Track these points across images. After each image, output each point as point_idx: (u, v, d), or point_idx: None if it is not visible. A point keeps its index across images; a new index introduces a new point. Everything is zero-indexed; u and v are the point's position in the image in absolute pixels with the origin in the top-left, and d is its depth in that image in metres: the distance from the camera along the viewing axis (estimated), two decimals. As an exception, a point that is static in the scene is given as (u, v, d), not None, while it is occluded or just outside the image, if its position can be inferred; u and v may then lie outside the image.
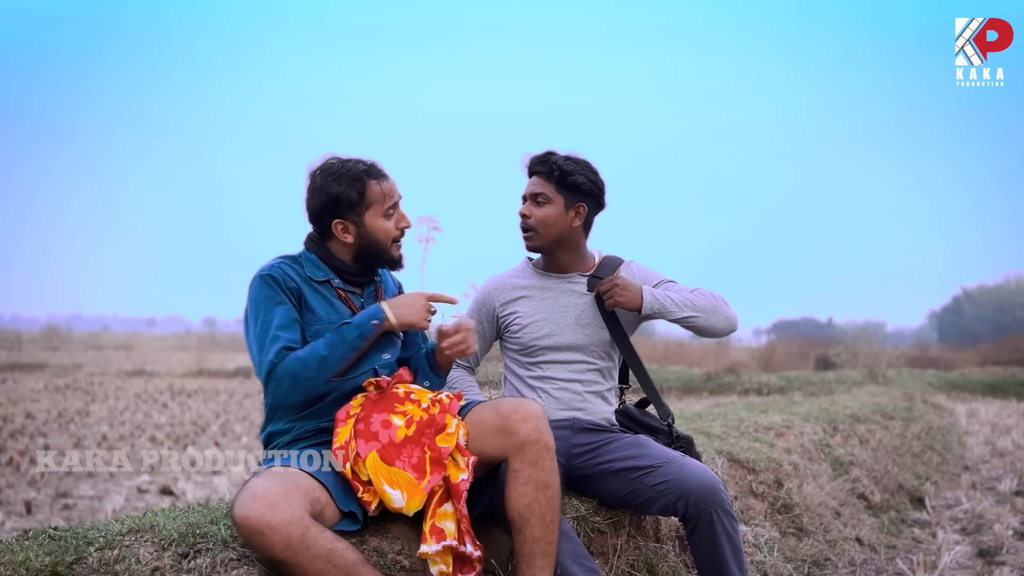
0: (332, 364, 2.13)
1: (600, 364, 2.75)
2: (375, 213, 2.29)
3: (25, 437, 9.77)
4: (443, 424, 2.12)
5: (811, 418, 5.75)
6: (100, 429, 10.53)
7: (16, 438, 9.68)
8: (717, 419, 5.19)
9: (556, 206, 2.67)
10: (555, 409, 2.68)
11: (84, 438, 9.78)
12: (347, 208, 2.27)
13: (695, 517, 2.46)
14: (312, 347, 2.13)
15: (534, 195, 2.69)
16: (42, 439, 9.63)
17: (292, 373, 2.09)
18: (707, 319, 2.65)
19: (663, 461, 2.54)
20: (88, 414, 12.38)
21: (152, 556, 1.74)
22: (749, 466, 3.96)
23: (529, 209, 2.69)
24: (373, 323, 2.19)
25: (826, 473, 4.81)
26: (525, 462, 2.11)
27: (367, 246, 2.30)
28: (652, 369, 17.09)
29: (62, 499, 6.46)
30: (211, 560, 1.78)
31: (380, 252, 2.32)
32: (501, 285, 2.81)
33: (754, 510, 3.75)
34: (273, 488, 1.79)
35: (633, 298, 2.60)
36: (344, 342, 2.15)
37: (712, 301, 2.68)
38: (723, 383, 16.04)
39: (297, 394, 2.13)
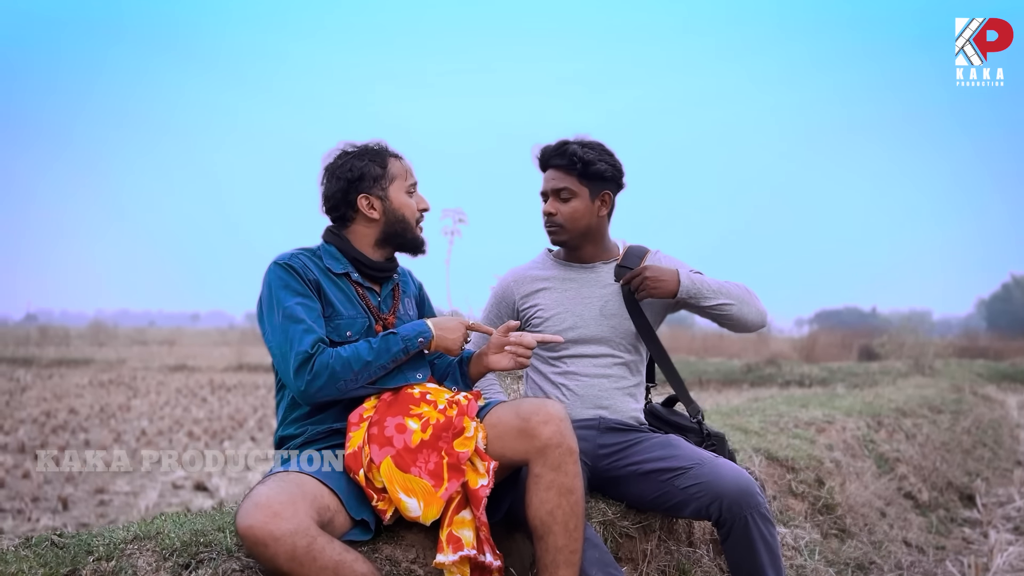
0: (372, 371, 2.08)
1: (627, 358, 2.62)
2: (399, 188, 2.26)
3: (67, 432, 9.91)
4: (461, 427, 2.01)
5: (854, 412, 5.55)
6: (140, 424, 10.65)
7: (58, 433, 9.82)
8: (755, 414, 5.03)
9: (582, 199, 2.56)
10: (580, 407, 2.56)
11: (124, 433, 9.89)
12: (372, 182, 2.24)
13: (729, 521, 2.32)
14: (355, 349, 2.07)
15: (557, 191, 2.57)
16: (83, 434, 9.75)
17: (331, 370, 2.02)
18: (740, 309, 2.53)
19: (695, 462, 2.41)
20: (129, 409, 12.54)
21: (150, 567, 1.66)
22: (788, 464, 3.80)
23: (554, 205, 2.57)
24: (420, 340, 2.14)
25: (870, 471, 4.62)
26: (547, 466, 1.99)
27: (393, 223, 2.25)
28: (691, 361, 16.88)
29: (99, 495, 6.50)
30: (213, 571, 1.69)
31: (406, 230, 2.27)
32: (521, 277, 2.69)
33: (794, 511, 3.60)
34: (277, 496, 1.70)
35: (668, 286, 2.48)
36: (388, 352, 2.09)
37: (745, 291, 2.57)
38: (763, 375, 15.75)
39: (330, 391, 2.04)
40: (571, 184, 2.55)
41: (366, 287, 2.27)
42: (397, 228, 2.25)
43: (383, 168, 2.25)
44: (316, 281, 2.16)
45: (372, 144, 2.29)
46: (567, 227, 2.57)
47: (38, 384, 16.97)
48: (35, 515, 5.59)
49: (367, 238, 2.27)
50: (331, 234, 2.29)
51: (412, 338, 2.13)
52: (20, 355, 25.18)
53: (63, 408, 12.40)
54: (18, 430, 9.88)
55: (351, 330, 2.17)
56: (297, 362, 2.02)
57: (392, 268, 2.33)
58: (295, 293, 2.12)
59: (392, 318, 2.29)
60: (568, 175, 2.55)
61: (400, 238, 2.27)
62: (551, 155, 2.58)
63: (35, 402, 13.30)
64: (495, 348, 2.27)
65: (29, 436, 9.45)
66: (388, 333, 2.12)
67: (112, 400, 13.81)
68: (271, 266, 2.18)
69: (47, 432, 9.86)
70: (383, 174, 2.24)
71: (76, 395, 14.81)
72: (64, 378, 18.90)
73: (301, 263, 2.17)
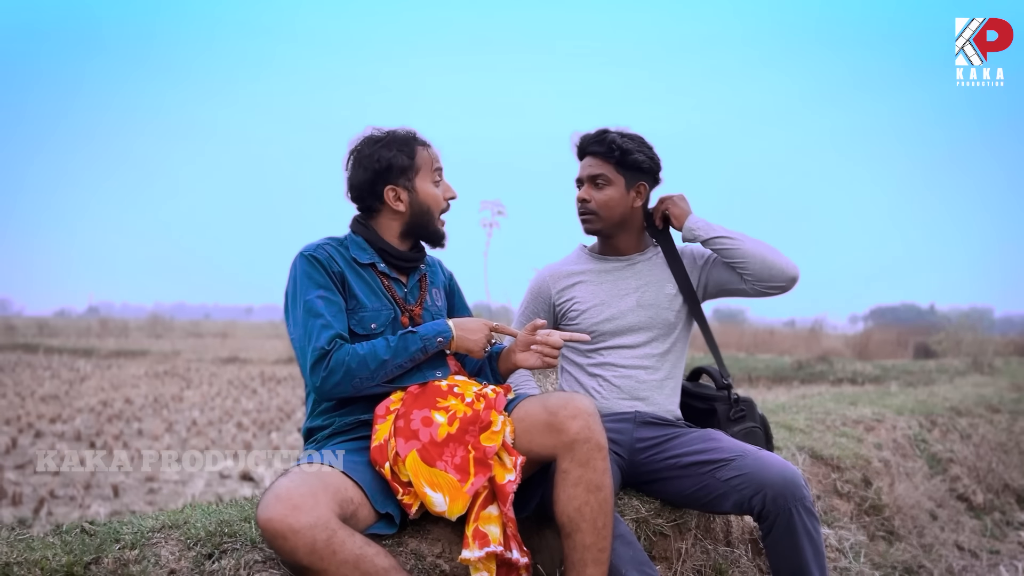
0: (389, 370, 2.06)
1: (664, 349, 2.57)
2: (425, 178, 2.24)
3: (121, 422, 10.15)
4: (488, 421, 1.98)
5: (905, 411, 5.38)
6: (191, 415, 10.85)
7: (113, 422, 10.06)
8: (802, 411, 4.90)
9: (617, 187, 2.53)
10: (616, 399, 2.52)
11: (176, 423, 10.09)
12: (399, 173, 2.22)
13: (773, 514, 2.25)
14: (372, 346, 2.06)
15: (592, 177, 2.54)
16: (137, 423, 9.98)
17: (347, 367, 2.02)
18: (764, 258, 2.45)
19: (737, 454, 2.35)
20: (182, 400, 12.80)
21: (173, 556, 1.67)
22: (834, 463, 3.70)
23: (588, 192, 2.55)
24: (439, 340, 2.12)
25: (921, 471, 4.47)
26: (575, 462, 1.95)
27: (418, 215, 2.24)
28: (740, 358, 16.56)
29: (149, 483, 6.63)
30: (235, 562, 1.69)
31: (428, 222, 2.25)
32: (556, 272, 2.67)
33: (839, 511, 3.49)
34: (297, 489, 1.69)
35: (681, 213, 2.56)
36: (406, 351, 2.08)
37: (766, 244, 2.51)
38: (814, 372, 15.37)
39: (346, 388, 2.04)
40: (607, 171, 2.52)
41: (392, 278, 2.25)
42: (421, 220, 2.24)
43: (411, 158, 2.22)
44: (341, 273, 2.16)
45: (400, 131, 2.26)
46: (601, 215, 2.54)
47: (97, 374, 17.43)
48: (87, 501, 5.72)
49: (392, 229, 2.26)
50: (358, 224, 2.29)
51: (431, 338, 2.11)
52: (81, 346, 25.93)
53: (119, 398, 12.71)
54: (75, 419, 10.16)
55: (375, 322, 2.16)
56: (314, 358, 2.01)
57: (419, 258, 2.31)
58: (317, 286, 2.11)
59: (419, 309, 2.27)
60: (605, 163, 2.53)
61: (422, 230, 2.26)
62: (589, 142, 2.56)
63: (93, 392, 13.66)
64: (522, 346, 2.24)
65: (86, 425, 9.71)
66: (407, 332, 2.11)
67: (166, 391, 14.11)
68: (297, 257, 2.17)
69: (103, 421, 10.11)
70: (410, 165, 2.22)
71: (132, 385, 15.18)
72: (122, 369, 19.38)
73: (326, 254, 2.17)
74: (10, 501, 5.71)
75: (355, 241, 2.25)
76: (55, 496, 5.99)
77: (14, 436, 8.55)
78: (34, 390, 13.58)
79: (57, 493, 6.08)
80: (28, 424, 9.62)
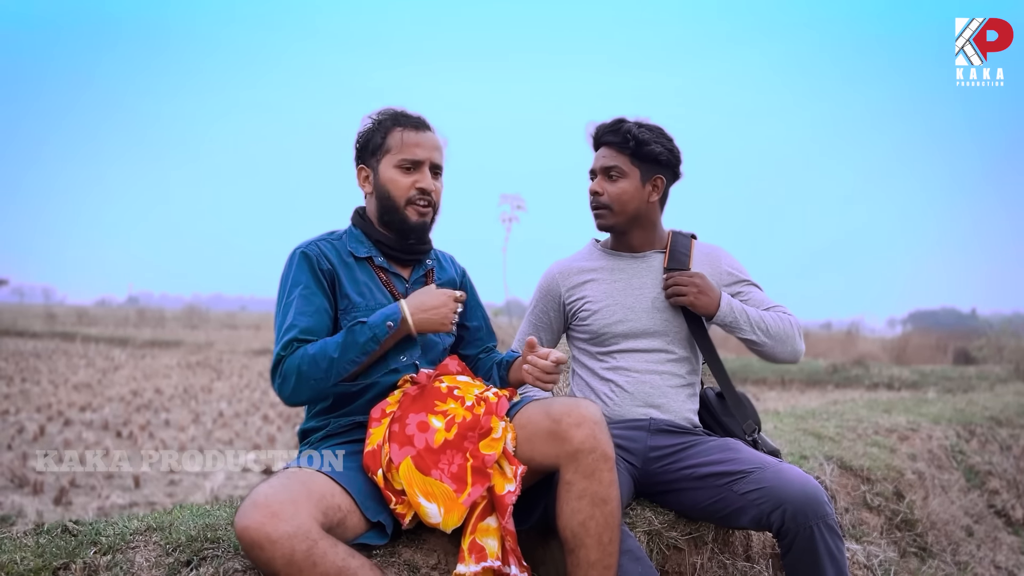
0: (341, 367, 1.92)
1: (680, 354, 2.44)
2: (389, 162, 2.09)
3: (150, 411, 10.21)
4: (488, 427, 1.87)
5: (942, 420, 5.16)
6: (219, 406, 10.89)
7: (141, 412, 10.13)
8: (832, 418, 4.72)
9: (632, 180, 2.40)
10: (630, 405, 2.39)
11: (202, 414, 10.13)
12: (370, 153, 2.12)
13: (792, 532, 2.11)
14: (323, 344, 1.93)
15: (606, 169, 2.41)
16: (165, 414, 10.03)
17: (298, 370, 1.90)
18: (774, 347, 2.41)
19: (756, 466, 2.21)
20: (211, 391, 12.88)
21: (148, 563, 1.59)
22: (864, 474, 3.53)
23: (601, 185, 2.42)
24: (388, 324, 1.96)
25: (958, 484, 4.27)
26: (579, 473, 1.83)
27: (381, 200, 2.11)
28: (771, 360, 16.32)
29: (171, 474, 6.63)
30: (213, 570, 1.60)
31: (393, 210, 2.09)
32: (567, 269, 2.53)
33: (868, 525, 3.33)
34: (277, 495, 1.59)
35: (709, 304, 2.36)
36: (356, 344, 1.93)
37: (786, 329, 2.42)
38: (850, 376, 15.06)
39: (303, 392, 1.92)
40: (622, 163, 2.39)
41: (392, 272, 2.14)
42: (386, 205, 2.10)
43: (384, 138, 2.10)
44: (331, 271, 2.05)
45: (392, 110, 2.15)
46: (614, 209, 2.42)
47: (130, 364, 17.65)
48: (106, 492, 5.72)
49: (373, 215, 2.15)
50: (357, 215, 2.19)
51: (379, 324, 1.96)
52: (118, 335, 26.32)
53: (150, 388, 12.83)
54: (104, 408, 10.24)
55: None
56: (271, 366, 1.93)
57: (421, 251, 2.19)
58: (296, 284, 2.02)
59: None
60: (620, 154, 2.40)
61: (390, 217, 2.11)
62: (604, 132, 2.43)
63: (125, 381, 13.81)
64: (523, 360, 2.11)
65: (115, 414, 9.78)
66: (356, 323, 1.97)
67: (196, 381, 14.22)
68: (290, 254, 2.09)
69: (131, 410, 10.19)
70: (381, 145, 2.10)
71: (164, 375, 15.32)
72: (155, 359, 19.59)
73: (317, 251, 2.07)
74: (32, 490, 5.72)
75: (353, 234, 2.15)
76: (76, 485, 6.00)
77: (43, 424, 8.62)
78: (68, 378, 13.77)
79: (79, 483, 6.09)
80: (58, 412, 9.72)
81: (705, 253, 2.50)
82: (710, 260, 2.49)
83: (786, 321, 2.43)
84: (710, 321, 2.41)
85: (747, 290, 2.49)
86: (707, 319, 2.41)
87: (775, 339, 2.41)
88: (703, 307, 2.36)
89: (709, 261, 2.49)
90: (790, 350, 2.44)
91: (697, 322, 2.43)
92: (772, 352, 2.43)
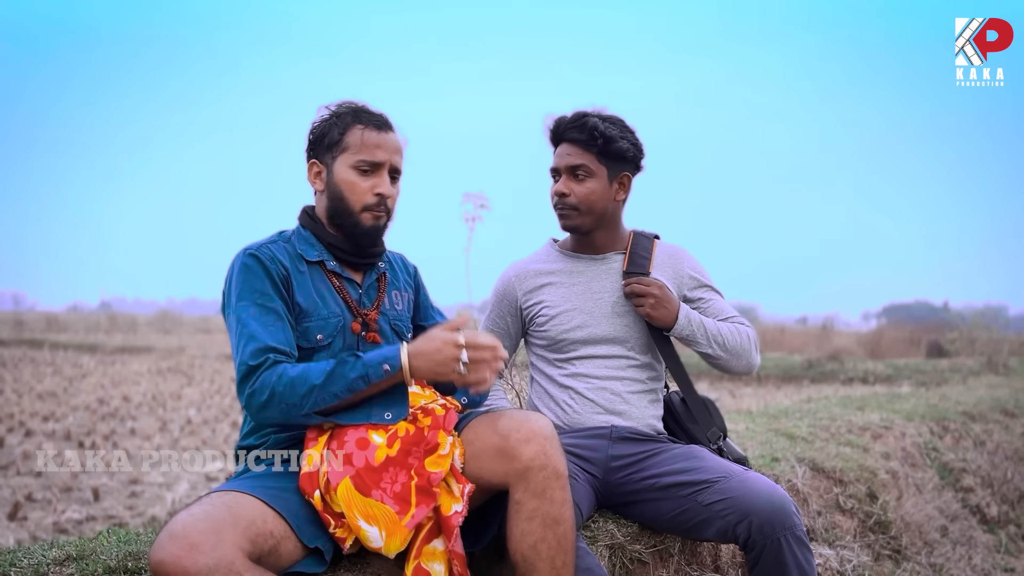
0: (321, 398, 1.73)
1: (642, 359, 2.33)
2: (345, 161, 1.92)
3: (116, 420, 9.99)
4: (434, 443, 1.75)
5: (915, 416, 5.11)
6: (187, 413, 10.68)
7: (107, 421, 9.90)
8: (805, 417, 4.65)
9: (599, 179, 2.28)
10: (590, 413, 2.28)
11: (170, 422, 9.92)
12: (324, 148, 1.94)
13: (759, 544, 2.01)
14: (306, 369, 1.74)
15: (572, 168, 2.28)
16: (131, 422, 9.82)
17: (272, 389, 1.72)
18: (729, 361, 2.33)
19: (721, 475, 2.11)
20: (180, 397, 12.64)
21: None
22: (836, 476, 3.44)
23: (568, 185, 2.29)
24: (384, 368, 1.74)
25: (932, 482, 4.21)
26: (529, 492, 1.71)
27: (333, 200, 1.93)
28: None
29: (132, 485, 6.45)
30: (128, 609, 1.46)
31: (346, 212, 1.92)
32: (523, 272, 2.41)
33: (841, 528, 3.24)
34: (198, 524, 1.45)
35: (666, 316, 2.25)
36: (343, 378, 1.73)
37: (742, 342, 2.33)
38: (825, 371, 15.11)
39: (273, 414, 1.75)
40: (589, 162, 2.27)
41: (345, 277, 1.98)
42: (337, 207, 1.93)
43: (341, 134, 1.92)
44: (286, 276, 1.89)
45: (350, 104, 1.97)
46: (582, 210, 2.29)
47: (99, 371, 17.31)
48: (62, 507, 5.53)
49: (323, 215, 1.98)
50: (306, 215, 2.02)
51: (376, 364, 1.74)
52: (88, 342, 25.85)
53: (117, 395, 12.56)
54: (68, 417, 10.00)
55: (322, 332, 1.89)
56: (240, 374, 1.75)
57: (374, 254, 2.03)
58: (251, 291, 1.83)
59: (375, 313, 2.00)
60: (586, 152, 2.27)
61: (342, 220, 1.94)
62: (567, 127, 2.28)
63: (92, 389, 13.52)
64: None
65: (79, 423, 9.55)
66: (350, 354, 1.79)
67: (166, 388, 13.96)
68: (236, 257, 1.91)
69: (96, 419, 9.95)
70: (338, 141, 1.93)
71: (133, 382, 15.03)
72: (125, 365, 19.25)
73: (269, 254, 1.89)
74: (-15, 505, 5.53)
75: (302, 236, 1.98)
76: (32, 500, 5.81)
77: (2, 435, 8.38)
78: (33, 387, 13.46)
79: (35, 496, 5.90)
80: (20, 423, 9.47)
81: (667, 254, 2.40)
82: (672, 262, 2.39)
83: (744, 334, 2.34)
84: (666, 333, 2.31)
85: (708, 296, 2.40)
86: (663, 331, 2.30)
87: (731, 353, 2.31)
88: (660, 319, 2.25)
89: (671, 263, 2.38)
90: (745, 363, 2.35)
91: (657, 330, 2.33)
92: (727, 365, 2.34)
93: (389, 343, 2.00)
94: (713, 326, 2.29)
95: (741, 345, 2.32)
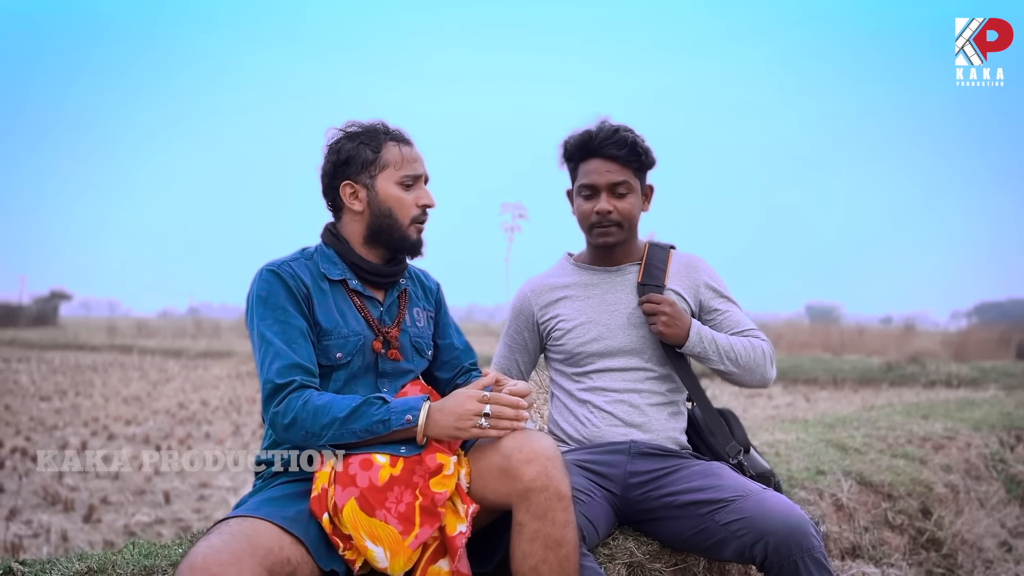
0: (340, 435, 1.78)
1: (661, 371, 2.31)
2: (389, 177, 1.98)
3: (192, 424, 10.36)
4: (436, 464, 1.77)
5: (984, 425, 4.90)
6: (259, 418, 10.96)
7: (184, 424, 10.27)
8: (863, 427, 4.51)
9: (637, 194, 2.32)
10: (609, 427, 2.27)
11: (243, 426, 10.23)
12: (358, 169, 1.98)
13: (776, 566, 1.97)
14: (332, 401, 1.79)
15: (613, 185, 2.27)
16: (207, 426, 10.17)
17: (296, 413, 1.78)
18: (742, 376, 2.29)
19: (738, 494, 2.07)
20: (255, 401, 13.00)
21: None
22: (885, 490, 3.34)
23: (611, 203, 2.27)
24: (407, 418, 1.77)
25: (997, 496, 4.04)
26: (530, 513, 1.72)
27: (379, 218, 1.98)
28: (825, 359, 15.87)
29: (202, 489, 6.68)
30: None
31: (394, 228, 1.98)
32: (539, 287, 2.42)
33: (890, 545, 3.14)
34: (218, 556, 1.49)
35: (678, 334, 2.23)
36: (366, 416, 1.77)
37: (756, 358, 2.29)
38: (905, 374, 14.55)
39: (294, 436, 1.81)
40: (628, 178, 2.28)
41: (366, 296, 2.03)
42: (383, 224, 1.98)
43: (375, 153, 1.97)
44: (306, 293, 1.94)
45: (373, 124, 2.03)
46: (624, 227, 2.31)
47: (182, 375, 17.98)
48: (132, 509, 5.77)
49: (356, 235, 2.02)
50: (329, 234, 2.06)
51: (400, 412, 1.78)
52: (174, 347, 26.87)
53: (196, 399, 13.03)
54: (149, 421, 10.42)
55: (342, 351, 1.94)
56: (266, 392, 1.82)
57: (397, 272, 2.07)
58: (275, 308, 1.89)
59: (396, 331, 2.04)
60: (625, 167, 2.27)
61: (386, 236, 1.99)
62: (604, 143, 2.27)
63: (174, 393, 14.05)
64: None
65: (158, 427, 9.94)
66: (377, 396, 1.82)
67: (243, 392, 14.39)
68: (258, 272, 1.96)
69: (175, 423, 10.34)
70: (374, 160, 1.97)
71: (213, 386, 15.55)
72: (207, 370, 19.92)
73: (291, 271, 1.94)
74: (63, 507, 5.80)
75: (325, 254, 2.03)
76: (107, 503, 6.07)
77: (86, 439, 8.79)
78: (119, 391, 14.07)
79: (110, 499, 6.17)
80: (104, 426, 9.90)
81: (684, 264, 2.37)
82: (688, 272, 2.36)
83: (757, 348, 2.30)
84: (678, 350, 2.28)
85: (724, 307, 2.36)
86: (675, 348, 2.28)
87: (744, 368, 2.27)
88: (672, 337, 2.23)
89: (687, 273, 2.36)
90: (759, 378, 2.31)
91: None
92: (740, 380, 2.30)
93: (409, 360, 2.04)
94: (725, 342, 2.26)
95: (755, 360, 2.28)
